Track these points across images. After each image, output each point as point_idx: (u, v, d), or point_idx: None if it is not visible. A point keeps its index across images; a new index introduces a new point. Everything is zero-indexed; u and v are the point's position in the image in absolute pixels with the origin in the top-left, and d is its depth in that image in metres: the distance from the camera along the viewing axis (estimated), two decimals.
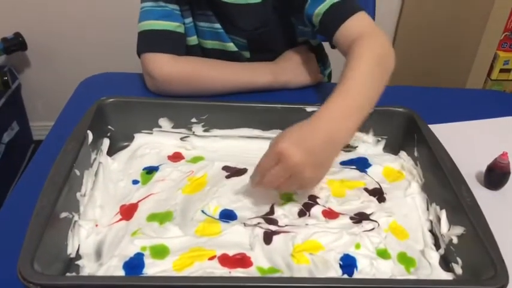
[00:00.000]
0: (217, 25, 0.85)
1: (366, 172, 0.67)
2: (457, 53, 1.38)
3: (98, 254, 0.53)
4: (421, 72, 1.51)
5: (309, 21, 0.78)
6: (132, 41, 0.86)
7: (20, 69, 1.75)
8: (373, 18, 1.13)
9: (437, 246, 0.57)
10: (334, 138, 0.57)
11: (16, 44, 1.64)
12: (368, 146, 0.72)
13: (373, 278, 0.50)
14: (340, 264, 0.52)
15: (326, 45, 0.98)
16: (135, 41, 0.82)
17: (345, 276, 0.51)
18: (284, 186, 0.57)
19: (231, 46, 0.87)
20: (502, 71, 1.37)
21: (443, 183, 0.58)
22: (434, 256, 0.55)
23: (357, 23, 0.71)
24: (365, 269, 0.52)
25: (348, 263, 0.52)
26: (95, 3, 1.63)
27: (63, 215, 0.52)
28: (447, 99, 0.89)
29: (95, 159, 0.63)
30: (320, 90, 0.87)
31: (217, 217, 0.58)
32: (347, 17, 0.71)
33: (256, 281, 0.48)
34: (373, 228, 0.57)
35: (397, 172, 0.68)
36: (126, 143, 0.70)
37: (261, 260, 0.53)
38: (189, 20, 0.84)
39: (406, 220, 0.60)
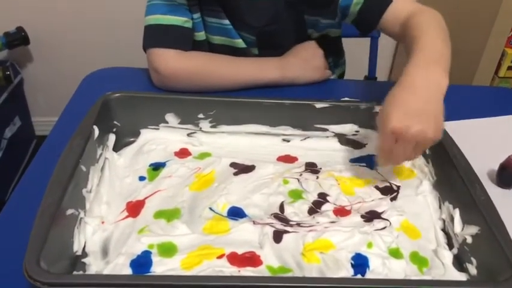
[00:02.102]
0: (226, 21, 0.83)
1: (376, 170, 0.66)
2: (464, 49, 1.37)
3: (105, 252, 0.52)
4: None
5: (343, 12, 0.80)
6: (136, 35, 0.85)
7: (22, 63, 1.74)
8: None
9: (450, 245, 0.56)
10: (434, 84, 0.58)
11: (18, 38, 1.62)
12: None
13: (387, 279, 0.49)
14: (351, 263, 0.51)
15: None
16: (139, 36, 0.81)
17: (358, 276, 0.49)
18: (413, 155, 0.58)
19: (240, 42, 0.86)
20: (510, 68, 1.36)
21: (456, 181, 0.57)
22: (447, 256, 0.54)
23: (403, 3, 0.75)
24: (377, 269, 0.51)
25: (359, 263, 0.51)
26: None
27: (69, 211, 0.51)
28: (456, 96, 0.87)
29: (100, 154, 0.62)
30: (328, 86, 0.86)
31: (226, 214, 0.57)
32: (390, 1, 0.75)
33: (267, 280, 0.47)
34: (384, 227, 0.56)
35: (408, 170, 0.66)
36: (132, 139, 0.68)
37: (271, 258, 0.52)
38: (197, 15, 0.83)
39: (417, 219, 0.59)
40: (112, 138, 0.66)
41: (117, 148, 0.66)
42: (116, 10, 1.62)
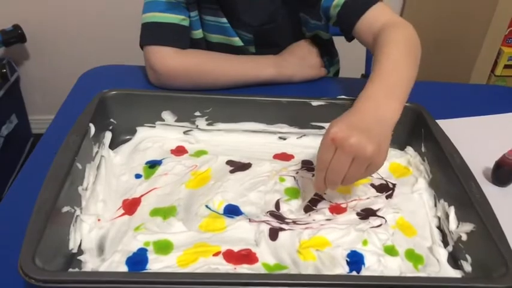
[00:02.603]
0: (223, 19, 0.83)
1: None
2: (461, 48, 1.37)
3: (100, 249, 0.52)
4: (424, 67, 1.49)
5: (325, 14, 0.78)
6: (134, 33, 0.85)
7: (19, 61, 1.73)
8: None
9: (445, 243, 0.56)
10: (383, 118, 0.56)
11: (15, 36, 1.62)
12: None
13: (382, 276, 0.49)
14: (347, 261, 0.51)
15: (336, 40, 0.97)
16: (136, 34, 0.81)
17: (353, 273, 0.50)
18: (351, 174, 0.52)
19: (237, 41, 0.86)
20: (506, 67, 1.36)
21: (451, 179, 0.57)
22: (442, 253, 0.54)
23: (379, 13, 0.72)
24: (372, 266, 0.51)
25: (355, 260, 0.51)
26: None
27: (65, 209, 0.51)
28: (452, 94, 0.88)
29: (97, 152, 0.62)
30: (325, 84, 0.86)
31: (222, 212, 0.57)
32: (367, 8, 0.71)
33: (263, 277, 0.47)
34: (380, 225, 0.56)
35: (404, 168, 0.67)
36: (128, 137, 0.68)
37: (267, 256, 0.52)
38: (194, 13, 0.82)
39: (413, 216, 0.59)
40: (108, 136, 0.66)
41: (113, 146, 0.66)
42: (113, 8, 1.62)
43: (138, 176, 0.62)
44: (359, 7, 0.72)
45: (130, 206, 0.58)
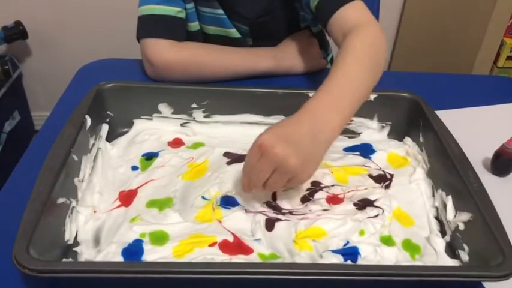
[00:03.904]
0: (220, 11, 0.83)
1: (370, 158, 0.65)
2: (463, 39, 1.36)
3: (96, 241, 0.52)
4: (425, 59, 1.48)
5: (307, 7, 0.76)
6: (134, 28, 0.85)
7: (21, 58, 1.74)
8: (378, 4, 1.11)
9: (442, 233, 0.56)
10: (319, 132, 0.54)
11: (17, 32, 1.62)
12: (372, 132, 0.70)
13: (378, 265, 0.49)
14: (343, 251, 0.51)
15: None
16: (136, 28, 0.81)
17: (349, 262, 0.49)
18: (272, 183, 0.53)
19: (234, 32, 0.85)
20: (508, 58, 1.35)
21: (449, 169, 0.57)
22: (440, 243, 0.54)
23: (351, 12, 0.68)
24: (369, 256, 0.51)
25: (351, 250, 0.51)
26: None
27: (60, 200, 0.51)
28: (453, 85, 0.87)
29: (93, 144, 0.62)
30: (323, 76, 0.84)
31: (218, 203, 0.57)
32: (342, 4, 0.68)
33: (258, 267, 0.47)
34: (377, 215, 0.56)
35: (402, 158, 0.66)
36: (125, 129, 0.68)
37: (263, 246, 0.52)
38: (191, 5, 0.82)
39: (411, 207, 0.59)
40: (105, 128, 0.66)
41: (110, 138, 0.66)
42: (115, 2, 1.61)
43: (134, 168, 0.62)
44: (334, 2, 0.69)
45: (127, 198, 0.58)
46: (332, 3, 0.69)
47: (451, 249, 0.53)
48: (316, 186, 0.60)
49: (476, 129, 0.72)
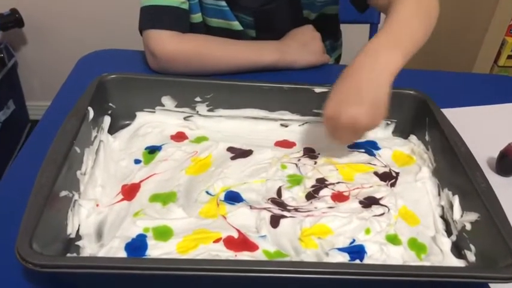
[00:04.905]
0: (223, 3, 0.82)
1: (375, 156, 0.65)
2: (464, 38, 1.36)
3: (99, 235, 0.51)
4: (426, 57, 1.47)
5: None
6: (133, 17, 0.84)
7: (17, 46, 1.71)
8: None
9: (448, 232, 0.55)
10: (380, 74, 0.56)
11: (12, 20, 1.59)
12: (377, 129, 0.69)
13: (385, 264, 0.49)
14: (349, 249, 0.51)
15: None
16: (135, 18, 0.79)
17: (357, 261, 0.49)
18: (354, 138, 0.60)
19: (236, 25, 0.84)
20: (509, 57, 1.35)
21: (456, 168, 0.57)
22: (446, 242, 0.53)
23: None
24: (375, 255, 0.50)
25: (357, 249, 0.51)
26: None
27: (63, 193, 0.50)
28: (456, 83, 0.87)
29: (95, 137, 0.60)
30: (326, 71, 0.84)
31: (222, 199, 0.56)
32: None
33: (264, 264, 0.46)
34: (383, 213, 0.55)
35: (407, 156, 0.66)
36: (127, 122, 0.67)
37: (268, 243, 0.51)
38: None
39: (416, 205, 0.58)
40: (107, 120, 0.64)
41: (112, 131, 0.65)
42: None
43: (137, 162, 0.61)
44: None
45: (130, 192, 0.57)
46: None
47: (457, 249, 0.53)
48: (321, 183, 0.59)
49: (481, 128, 0.72)
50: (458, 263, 0.51)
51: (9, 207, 0.51)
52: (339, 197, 0.58)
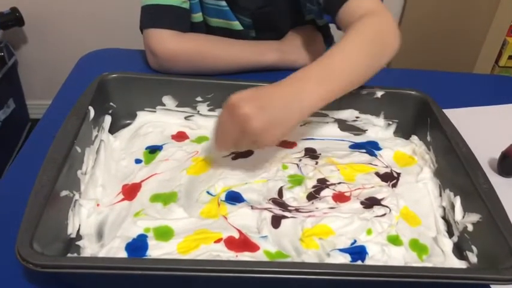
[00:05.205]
0: (223, 2, 0.82)
1: (376, 156, 0.65)
2: (465, 38, 1.36)
3: (99, 235, 0.51)
4: (427, 57, 1.48)
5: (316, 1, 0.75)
6: (133, 16, 0.83)
7: (17, 45, 1.71)
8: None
9: (450, 233, 0.55)
10: (296, 100, 0.53)
11: (13, 19, 1.59)
12: (378, 129, 0.70)
13: (386, 265, 0.49)
14: (350, 250, 0.51)
15: (332, 26, 0.95)
16: (136, 17, 0.79)
17: (358, 262, 0.49)
18: (237, 142, 0.54)
19: (236, 25, 0.84)
20: (510, 57, 1.35)
21: (457, 169, 0.56)
22: (447, 243, 0.53)
23: (363, 1, 0.67)
24: (376, 256, 0.50)
25: (358, 249, 0.51)
26: None
27: (64, 193, 0.50)
28: (457, 84, 0.86)
29: (96, 136, 0.60)
30: None
31: (223, 199, 0.56)
32: None
33: (265, 265, 0.46)
34: (384, 214, 0.55)
35: (409, 157, 0.66)
36: (128, 121, 0.67)
37: (269, 243, 0.51)
38: None
39: (418, 206, 0.58)
40: (108, 120, 0.64)
41: (113, 130, 0.65)
42: None
43: (138, 161, 0.61)
44: None
45: (130, 191, 0.56)
46: None
47: (459, 250, 0.53)
48: (323, 183, 0.59)
49: (482, 129, 0.72)
50: (460, 264, 0.51)
51: (10, 207, 0.51)
52: (340, 198, 0.57)
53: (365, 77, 0.60)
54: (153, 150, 0.63)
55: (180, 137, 0.66)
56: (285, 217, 0.54)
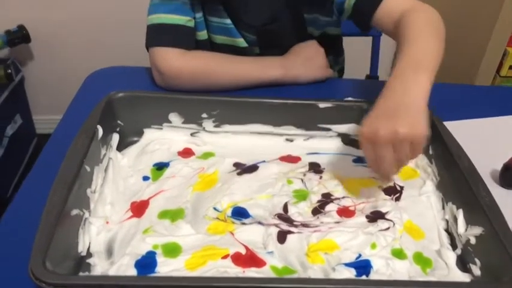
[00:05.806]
0: (228, 20, 0.83)
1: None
2: (466, 48, 1.37)
3: (109, 252, 0.52)
4: None
5: (339, 9, 0.80)
6: (138, 34, 0.85)
7: (24, 62, 1.74)
8: None
9: (453, 246, 0.56)
10: (411, 93, 0.57)
11: (20, 36, 1.62)
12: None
13: (391, 280, 0.49)
14: (355, 264, 0.51)
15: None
16: (141, 35, 0.81)
17: (363, 277, 0.49)
18: (400, 157, 0.55)
19: (241, 42, 0.86)
20: (511, 67, 1.35)
21: (459, 181, 0.57)
22: (451, 256, 0.54)
23: (397, 1, 0.73)
24: (381, 270, 0.51)
25: (363, 264, 0.51)
26: None
27: (74, 212, 0.51)
28: (458, 96, 0.87)
29: (104, 154, 0.62)
30: (331, 85, 0.86)
31: (230, 215, 0.57)
32: None
33: (272, 281, 0.47)
34: (388, 228, 0.56)
35: (411, 170, 0.66)
36: (135, 138, 0.68)
37: (275, 259, 0.52)
38: (199, 14, 0.82)
39: (421, 219, 0.59)
40: (116, 137, 0.66)
41: (120, 148, 0.66)
42: (118, 8, 1.62)
43: (145, 178, 0.62)
44: None
45: (139, 209, 0.58)
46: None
47: (462, 263, 0.54)
48: (327, 198, 0.60)
49: (484, 141, 0.72)
50: (464, 276, 0.52)
51: (22, 226, 0.52)
52: (345, 212, 0.58)
53: (441, 57, 0.65)
54: (160, 167, 0.64)
55: (186, 153, 0.67)
56: (290, 232, 0.55)
